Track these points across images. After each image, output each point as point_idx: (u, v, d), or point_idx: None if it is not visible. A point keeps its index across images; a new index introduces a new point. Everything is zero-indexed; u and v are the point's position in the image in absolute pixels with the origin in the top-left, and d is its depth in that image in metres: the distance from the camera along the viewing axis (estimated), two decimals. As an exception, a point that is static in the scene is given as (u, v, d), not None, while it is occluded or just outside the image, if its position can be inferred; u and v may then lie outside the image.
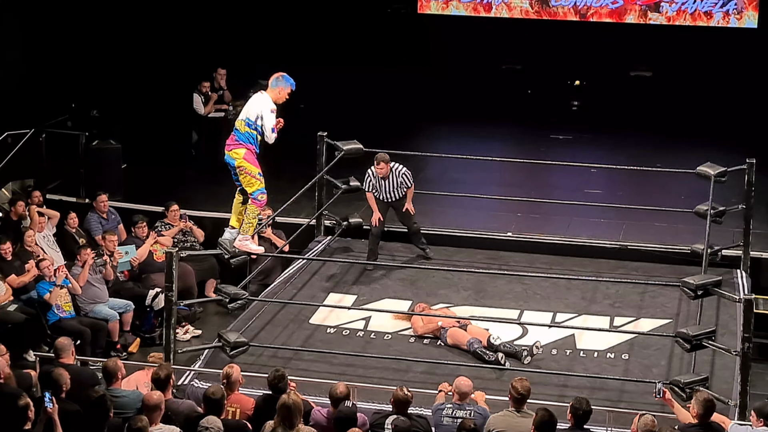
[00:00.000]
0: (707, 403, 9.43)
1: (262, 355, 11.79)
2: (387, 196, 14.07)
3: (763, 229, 15.06)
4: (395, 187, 14.01)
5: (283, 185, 14.83)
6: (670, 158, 16.79)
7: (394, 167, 13.98)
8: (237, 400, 10.05)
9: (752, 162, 13.78)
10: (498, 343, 11.89)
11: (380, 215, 14.07)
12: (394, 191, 14.04)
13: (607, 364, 11.84)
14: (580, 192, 16.25)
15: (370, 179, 14.05)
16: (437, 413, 10.00)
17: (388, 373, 11.50)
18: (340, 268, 14.12)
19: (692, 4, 19.74)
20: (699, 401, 9.45)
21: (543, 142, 18.87)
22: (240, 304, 11.78)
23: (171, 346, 11.32)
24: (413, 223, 14.31)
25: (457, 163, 15.98)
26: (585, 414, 9.36)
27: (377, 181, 14.00)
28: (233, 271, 13.22)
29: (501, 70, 21.11)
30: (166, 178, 17.09)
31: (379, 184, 14.00)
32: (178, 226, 14.93)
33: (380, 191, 14.04)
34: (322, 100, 19.72)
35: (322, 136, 14.63)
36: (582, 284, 13.54)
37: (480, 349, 11.85)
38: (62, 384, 9.64)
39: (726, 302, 12.45)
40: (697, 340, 10.76)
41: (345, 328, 12.61)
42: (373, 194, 14.09)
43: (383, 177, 13.95)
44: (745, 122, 18.81)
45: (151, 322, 13.96)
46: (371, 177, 14.03)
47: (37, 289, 13.22)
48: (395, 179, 13.98)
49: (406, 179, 14.03)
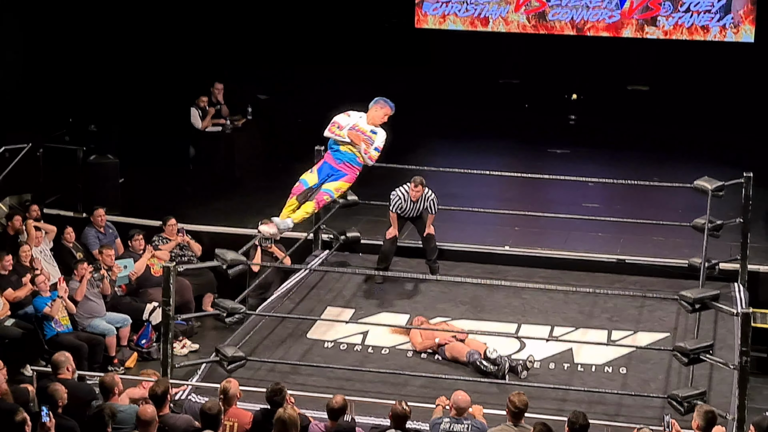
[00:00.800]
0: (708, 415, 9.43)
1: (259, 369, 11.78)
2: (408, 215, 14.03)
3: (761, 242, 15.08)
4: (419, 209, 13.95)
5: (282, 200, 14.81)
6: (667, 172, 16.79)
7: (425, 192, 13.88)
8: (235, 414, 10.04)
9: (749, 176, 13.80)
10: (494, 357, 11.89)
11: (397, 231, 13.99)
12: (416, 212, 13.99)
13: (605, 378, 11.83)
14: (578, 206, 16.25)
15: (399, 200, 13.89)
16: (435, 428, 9.99)
17: (386, 388, 11.49)
18: (338, 282, 14.10)
19: (689, 18, 19.77)
20: (700, 413, 9.45)
21: (540, 156, 18.89)
22: (237, 319, 11.75)
23: (168, 361, 11.30)
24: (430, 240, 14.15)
25: (454, 178, 15.98)
26: (582, 428, 9.35)
27: (406, 203, 13.93)
28: (231, 285, 13.23)
29: (498, 84, 21.13)
30: (163, 192, 17.09)
31: (406, 205, 13.94)
32: (175, 240, 14.93)
33: (403, 211, 13.98)
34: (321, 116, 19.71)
35: (319, 150, 14.61)
36: (580, 298, 13.54)
37: (479, 360, 11.85)
38: (59, 399, 9.60)
39: (724, 316, 12.46)
40: (694, 354, 10.75)
41: (343, 343, 12.60)
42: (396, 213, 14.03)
43: (415, 199, 13.90)
44: (743, 136, 18.83)
45: (148, 337, 13.93)
46: (401, 198, 13.89)
47: (34, 304, 13.20)
48: (422, 203, 13.90)
49: (432, 206, 13.93)
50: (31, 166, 16.41)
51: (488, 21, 20.44)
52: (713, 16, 19.69)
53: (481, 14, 20.45)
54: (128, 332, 13.84)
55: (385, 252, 14.07)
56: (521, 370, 11.79)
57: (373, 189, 15.32)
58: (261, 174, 18.00)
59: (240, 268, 11.86)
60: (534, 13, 20.26)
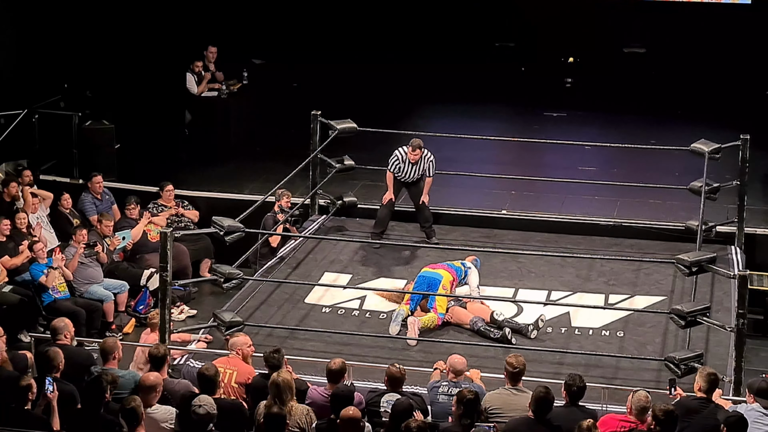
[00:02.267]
0: (711, 377, 9.50)
1: (257, 334, 11.78)
2: (406, 178, 14.00)
3: (758, 205, 15.08)
4: (418, 171, 13.94)
5: (279, 166, 14.84)
6: (664, 135, 16.78)
7: (424, 154, 13.86)
8: (237, 364, 10.10)
9: (746, 138, 13.78)
10: (501, 319, 11.91)
11: (393, 195, 13.99)
12: (414, 175, 13.97)
13: (602, 342, 11.86)
14: (574, 169, 16.26)
15: (397, 160, 13.87)
16: (433, 391, 10.03)
17: (384, 352, 11.52)
18: (335, 247, 14.11)
19: (686, -20, 19.71)
20: (702, 376, 9.52)
21: (536, 119, 18.85)
22: (235, 284, 11.77)
23: (166, 326, 11.32)
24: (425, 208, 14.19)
25: (450, 142, 15.94)
26: (579, 390, 9.39)
27: (404, 164, 13.92)
28: (228, 250, 13.23)
29: (494, 47, 21.05)
30: (159, 158, 17.06)
31: (405, 166, 13.93)
32: (172, 206, 14.92)
33: (401, 173, 13.96)
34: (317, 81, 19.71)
35: (315, 115, 14.60)
36: (577, 262, 13.54)
37: (484, 327, 11.86)
38: (57, 363, 9.62)
39: (720, 278, 12.49)
40: (691, 316, 10.78)
41: (340, 308, 12.62)
42: (393, 174, 14.02)
43: (414, 162, 13.88)
44: (739, 98, 18.79)
45: (145, 303, 13.94)
46: (399, 159, 13.87)
47: (31, 271, 13.20)
48: (422, 164, 13.87)
49: (430, 168, 13.92)
50: (26, 132, 16.39)
51: (485, -17, 20.35)
52: (710, -23, 19.63)
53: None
54: (126, 298, 13.84)
55: (382, 217, 14.07)
56: (531, 330, 11.81)
57: (370, 154, 15.32)
58: (257, 139, 17.96)
59: (237, 235, 11.86)
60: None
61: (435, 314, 12.07)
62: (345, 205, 14.76)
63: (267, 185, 13.65)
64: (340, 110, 14.95)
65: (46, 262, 13.20)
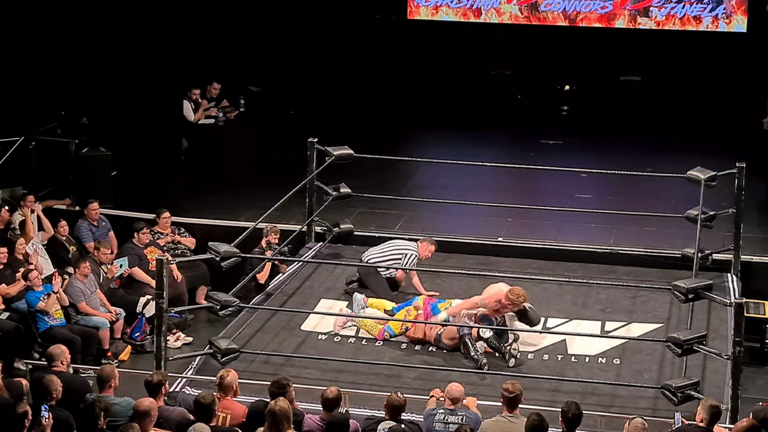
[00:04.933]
0: (713, 409, 9.49)
1: (253, 361, 11.77)
2: None
3: (754, 232, 15.11)
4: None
5: (275, 193, 14.83)
6: (660, 163, 16.79)
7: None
8: (229, 406, 10.05)
9: (742, 166, 13.80)
10: (486, 336, 11.91)
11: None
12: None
13: (599, 369, 11.84)
14: (571, 197, 16.28)
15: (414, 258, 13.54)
16: (429, 419, 10.02)
17: (380, 380, 11.50)
18: (332, 274, 14.10)
19: (681, 8, 19.78)
20: (705, 408, 9.51)
21: (533, 147, 18.89)
22: (231, 311, 11.76)
23: (162, 354, 11.29)
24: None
25: (447, 169, 16.00)
26: (575, 417, 9.38)
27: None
28: (225, 278, 13.23)
29: (491, 75, 21.13)
30: (156, 185, 17.07)
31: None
32: (168, 233, 14.93)
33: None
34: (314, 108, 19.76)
35: (312, 142, 14.62)
36: (573, 289, 13.55)
37: (468, 337, 11.84)
38: (53, 390, 9.61)
39: (717, 306, 12.47)
40: (688, 344, 10.77)
41: (337, 335, 12.60)
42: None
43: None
44: (735, 126, 18.84)
45: (141, 330, 13.92)
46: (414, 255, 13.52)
47: (27, 298, 13.17)
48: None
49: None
50: (23, 159, 16.39)
51: (480, 12, 20.44)
52: (705, 6, 19.71)
53: (474, 5, 20.45)
54: (122, 325, 13.83)
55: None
56: (509, 358, 11.81)
57: (366, 181, 15.34)
58: (253, 166, 17.98)
59: (233, 260, 11.86)
60: (526, 4, 20.27)
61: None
62: (341, 233, 14.75)
63: (263, 212, 13.64)
64: (337, 137, 14.97)
65: (42, 289, 13.18)
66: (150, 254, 14.48)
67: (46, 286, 13.30)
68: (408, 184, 16.50)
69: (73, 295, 13.43)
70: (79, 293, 13.46)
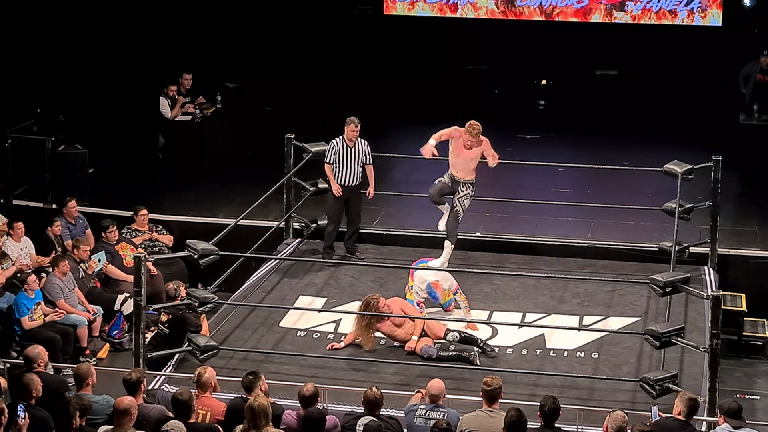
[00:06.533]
0: (691, 401, 9.56)
1: (232, 358, 11.77)
2: (349, 173, 13.95)
3: (730, 225, 15.16)
4: (359, 157, 13.92)
5: (253, 189, 14.83)
6: (636, 156, 16.86)
7: (359, 138, 13.96)
8: (208, 403, 10.03)
9: (718, 159, 13.86)
10: (451, 339, 11.90)
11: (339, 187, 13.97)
12: (357, 166, 13.93)
13: (577, 363, 11.88)
14: (548, 191, 16.30)
15: (334, 149, 13.92)
16: (410, 414, 10.02)
17: (359, 375, 11.50)
18: (310, 270, 14.09)
19: (657, 3, 19.82)
20: (683, 400, 9.58)
21: (510, 141, 18.86)
22: (209, 308, 11.74)
23: (140, 351, 11.27)
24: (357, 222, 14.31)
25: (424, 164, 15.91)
26: (552, 411, 9.40)
27: (343, 150, 13.88)
28: (202, 275, 13.19)
29: (467, 70, 21.13)
30: (133, 182, 17.03)
31: (345, 153, 13.87)
32: (146, 231, 14.89)
33: (342, 165, 13.90)
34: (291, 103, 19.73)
35: (289, 138, 14.61)
36: (551, 283, 13.58)
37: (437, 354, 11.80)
38: (33, 389, 9.57)
39: (694, 299, 12.53)
40: (666, 337, 10.81)
41: (315, 331, 12.59)
42: (333, 168, 13.98)
43: (351, 143, 13.86)
44: (711, 119, 18.90)
45: (119, 327, 13.89)
46: (335, 146, 13.90)
47: (17, 303, 13.06)
48: (361, 148, 13.94)
49: (369, 153, 14.01)
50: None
51: (457, 7, 20.45)
52: (681, 0, 19.75)
53: (450, 0, 20.45)
54: (100, 323, 13.79)
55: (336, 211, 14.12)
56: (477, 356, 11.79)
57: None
58: (230, 163, 17.94)
59: (212, 258, 11.84)
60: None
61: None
62: (319, 229, 14.74)
63: (241, 209, 13.63)
64: (315, 133, 14.95)
65: (34, 297, 13.11)
66: (122, 251, 14.46)
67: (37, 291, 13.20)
68: (386, 179, 16.48)
69: (51, 293, 13.38)
70: (57, 290, 13.41)
